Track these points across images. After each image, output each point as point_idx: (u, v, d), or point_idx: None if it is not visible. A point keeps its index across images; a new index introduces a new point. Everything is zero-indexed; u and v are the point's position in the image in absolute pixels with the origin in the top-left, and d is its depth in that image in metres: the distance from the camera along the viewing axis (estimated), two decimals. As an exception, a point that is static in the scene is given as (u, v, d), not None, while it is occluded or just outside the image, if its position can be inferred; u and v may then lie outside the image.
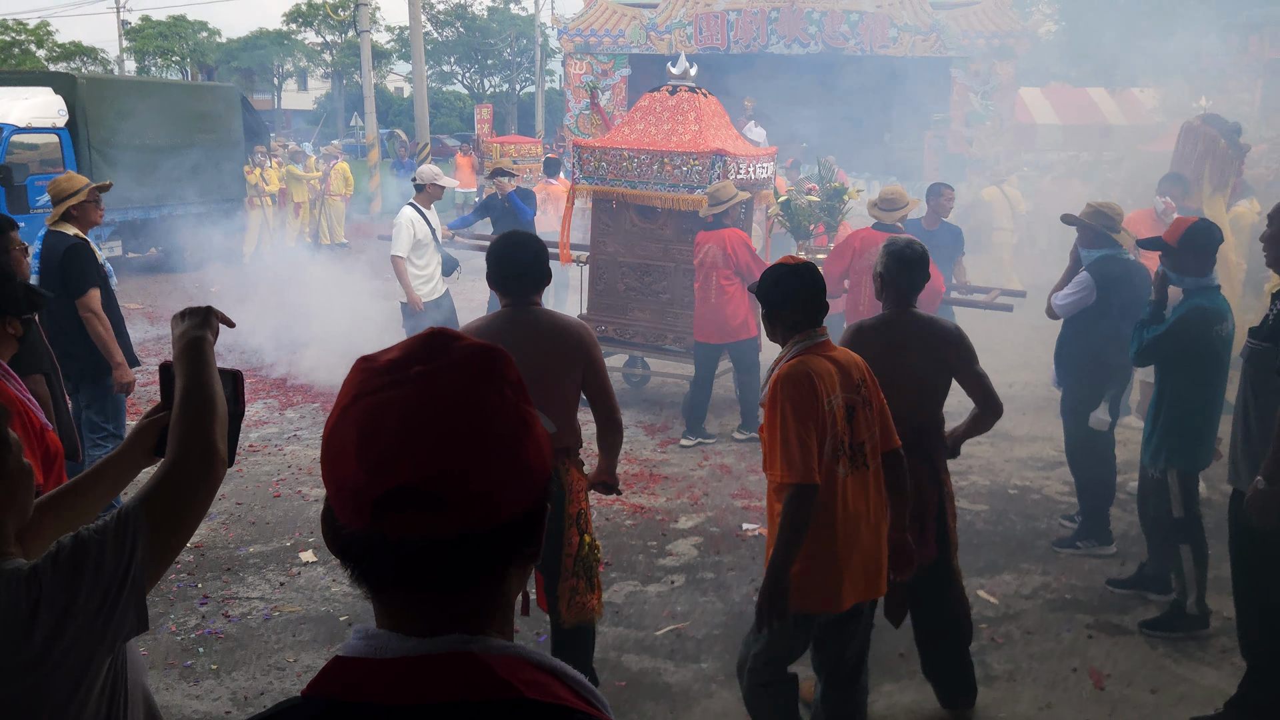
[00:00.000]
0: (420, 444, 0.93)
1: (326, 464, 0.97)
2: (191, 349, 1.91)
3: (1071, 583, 5.23)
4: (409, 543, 0.94)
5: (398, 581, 0.97)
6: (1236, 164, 7.48)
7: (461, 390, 0.96)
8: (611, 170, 8.10)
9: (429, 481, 0.92)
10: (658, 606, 4.99)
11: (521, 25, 47.35)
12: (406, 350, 0.99)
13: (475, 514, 0.94)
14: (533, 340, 3.66)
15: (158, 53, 48.29)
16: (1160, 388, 4.68)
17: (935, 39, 19.81)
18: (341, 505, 0.96)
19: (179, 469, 1.75)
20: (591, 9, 21.20)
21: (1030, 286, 8.84)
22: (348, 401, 0.97)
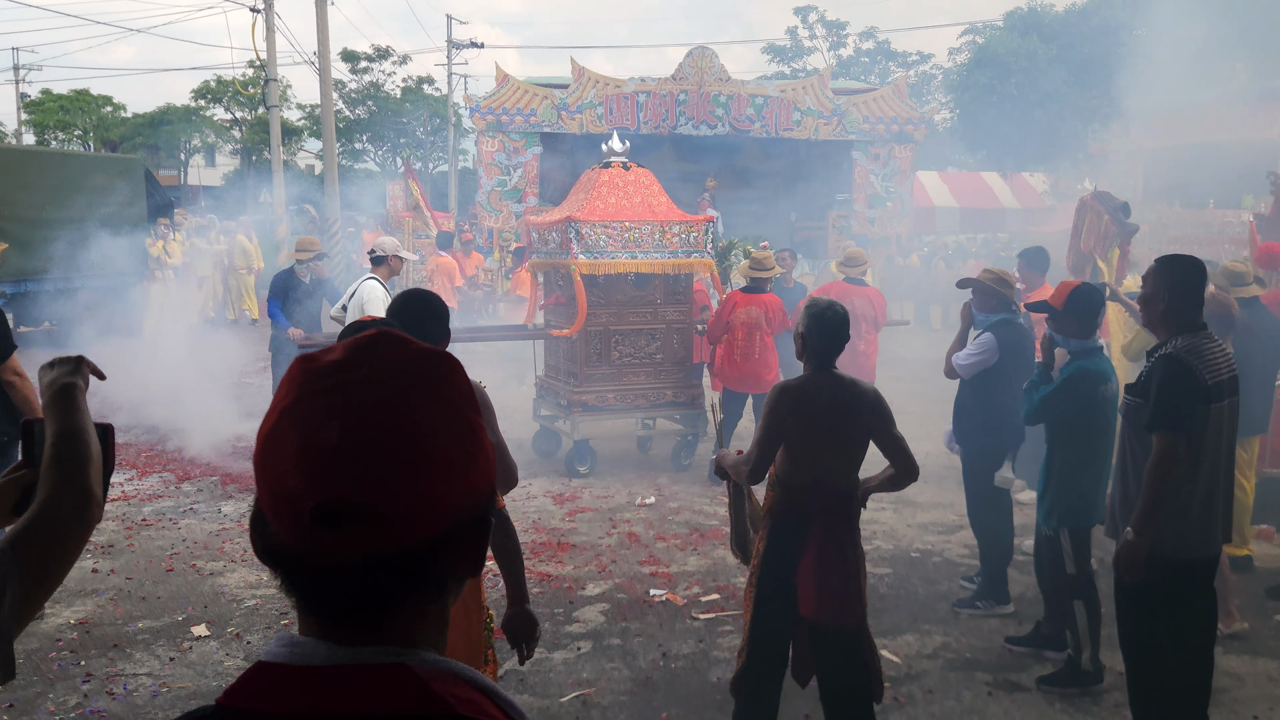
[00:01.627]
0: (362, 456, 0.88)
1: (262, 467, 0.93)
2: (63, 395, 1.84)
3: (972, 642, 5.31)
4: (345, 556, 0.90)
5: (330, 593, 0.93)
6: (1119, 239, 7.83)
7: (407, 398, 0.92)
8: (612, 242, 8.29)
9: (369, 495, 0.88)
10: (563, 674, 4.91)
11: (434, 105, 47.68)
12: (350, 351, 0.95)
13: (417, 529, 0.90)
14: None
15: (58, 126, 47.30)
16: (1050, 448, 4.84)
17: (837, 123, 20.53)
18: (275, 512, 0.92)
19: (51, 512, 1.67)
20: (504, 88, 21.49)
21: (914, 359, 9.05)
22: (289, 402, 0.92)
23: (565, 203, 9.12)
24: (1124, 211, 7.95)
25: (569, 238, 8.29)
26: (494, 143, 21.59)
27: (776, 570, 3.82)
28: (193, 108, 48.83)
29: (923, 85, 39.48)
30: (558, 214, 8.80)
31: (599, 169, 8.80)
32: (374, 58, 47.27)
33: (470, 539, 0.96)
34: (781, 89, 21.01)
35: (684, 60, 21.02)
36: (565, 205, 9.00)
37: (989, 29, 29.36)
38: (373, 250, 7.83)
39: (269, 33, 23.70)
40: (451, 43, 43.92)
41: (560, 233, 8.47)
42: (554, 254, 8.70)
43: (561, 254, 8.50)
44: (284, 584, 0.96)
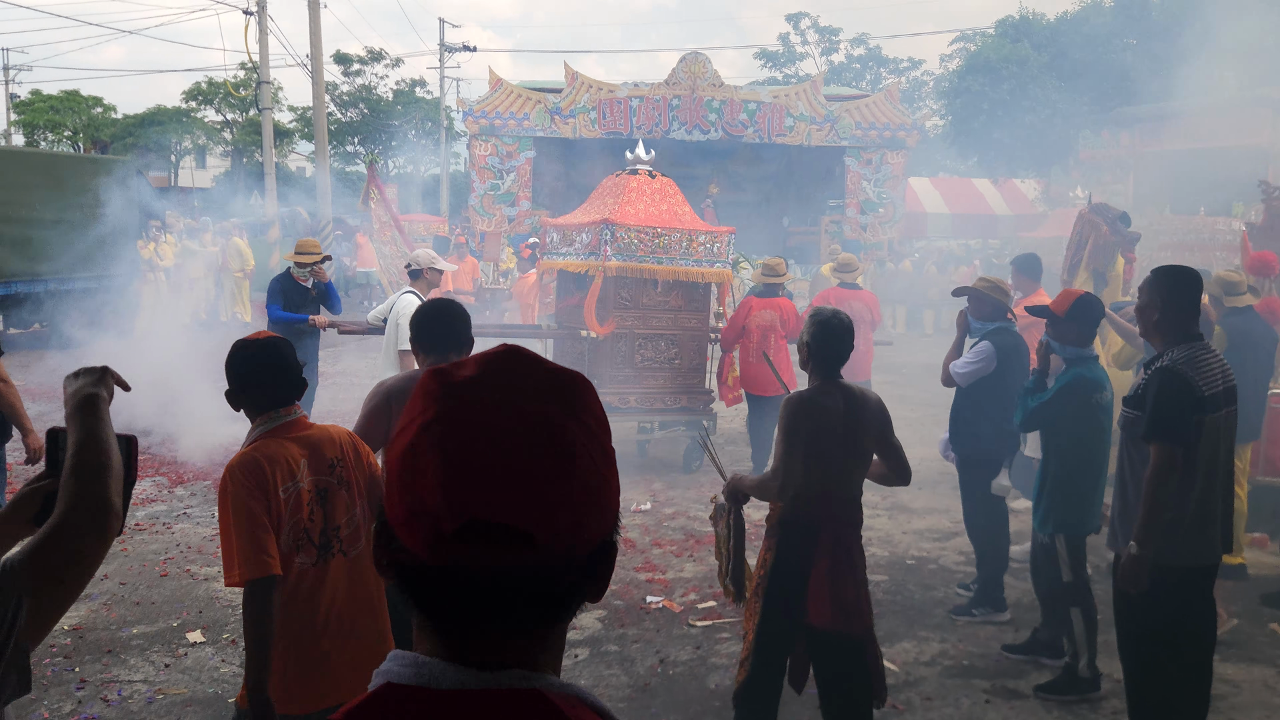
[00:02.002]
0: (511, 477, 0.88)
1: (398, 483, 0.91)
2: (86, 405, 1.84)
3: (969, 649, 5.32)
4: (485, 576, 0.89)
5: (464, 613, 0.92)
6: (1119, 249, 7.85)
7: (552, 421, 0.91)
8: (643, 247, 8.42)
9: (514, 516, 0.87)
10: (561, 681, 4.90)
11: (426, 109, 47.64)
12: (486, 368, 0.94)
13: (557, 550, 0.90)
14: None
15: (48, 127, 47.12)
16: (1046, 455, 4.86)
17: (829, 129, 20.59)
18: (410, 528, 0.90)
19: (68, 523, 1.65)
20: (497, 92, 21.52)
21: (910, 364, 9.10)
22: (429, 418, 0.91)
23: (588, 206, 9.18)
24: (1124, 220, 7.97)
25: (602, 239, 8.36)
26: (487, 146, 21.62)
27: (786, 580, 3.82)
28: (184, 109, 48.69)
29: (914, 91, 39.63)
30: (586, 216, 8.82)
31: (626, 175, 8.95)
32: (366, 60, 47.22)
33: (601, 563, 0.96)
34: (774, 95, 21.08)
35: (677, 65, 21.08)
36: (589, 208, 9.04)
37: (980, 36, 29.51)
38: (409, 264, 7.67)
39: (261, 35, 23.68)
40: (444, 46, 43.87)
41: (592, 234, 8.51)
42: (580, 255, 8.70)
43: (591, 255, 8.53)
44: (409, 600, 0.94)
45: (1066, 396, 4.63)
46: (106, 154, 37.29)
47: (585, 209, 9.11)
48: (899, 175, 20.85)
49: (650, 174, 8.99)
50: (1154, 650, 3.95)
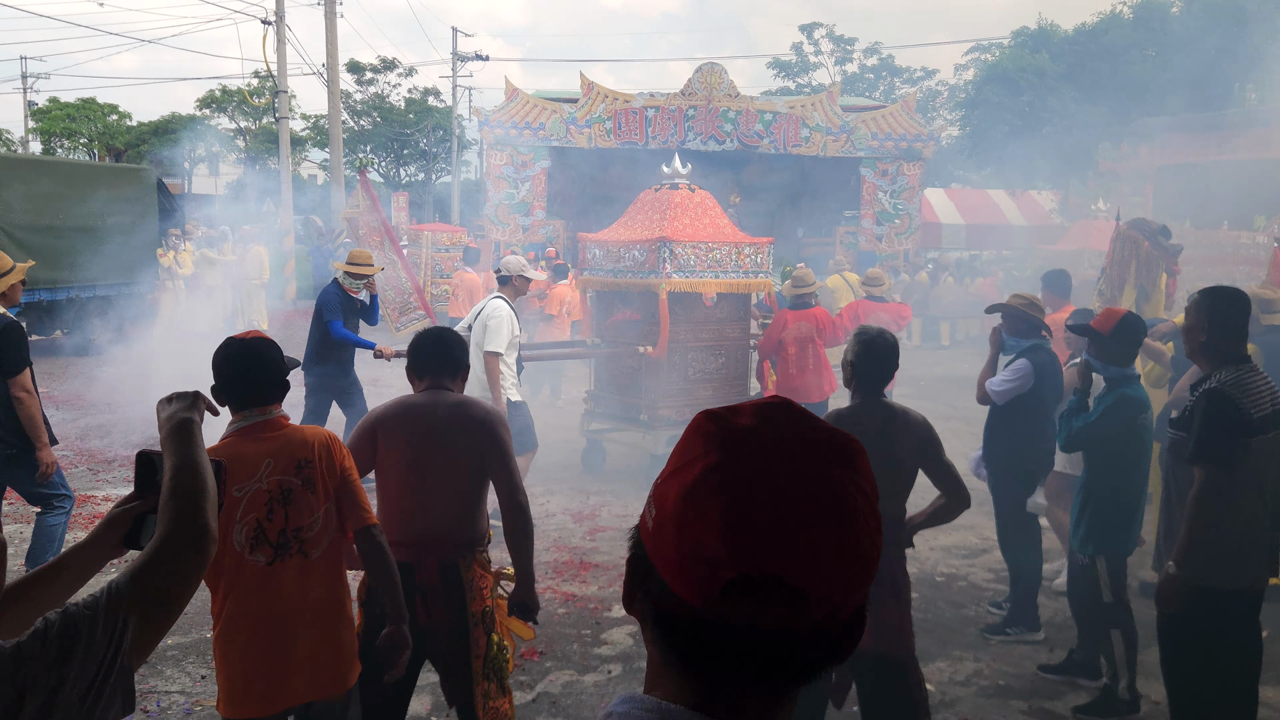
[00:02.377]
0: (795, 533, 0.87)
1: (674, 524, 0.90)
2: (181, 430, 1.88)
3: (1004, 669, 5.29)
4: (751, 630, 0.88)
5: (721, 665, 0.91)
6: (1164, 264, 7.83)
7: (835, 482, 0.90)
8: (699, 262, 8.58)
9: (795, 574, 0.86)
10: (595, 697, 4.90)
11: (438, 117, 47.79)
12: (764, 419, 0.93)
13: (828, 609, 0.89)
14: (430, 421, 3.57)
15: (64, 134, 47.38)
16: (1088, 476, 4.83)
17: (845, 140, 20.60)
18: (682, 575, 0.89)
19: (170, 547, 1.69)
20: (513, 102, 21.57)
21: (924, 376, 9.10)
22: (712, 462, 0.90)
23: (631, 222, 9.17)
24: (1164, 234, 7.95)
25: (660, 257, 8.45)
26: (502, 156, 21.67)
27: None
28: (198, 117, 48.92)
29: (928, 101, 39.62)
30: (635, 233, 8.88)
31: (667, 189, 9.01)
32: (379, 69, 47.38)
33: (857, 629, 0.94)
34: (790, 105, 21.10)
35: (693, 76, 21.11)
36: (635, 225, 9.06)
37: (995, 47, 29.51)
38: (498, 269, 7.81)
39: (280, 45, 23.79)
40: (457, 55, 44.01)
41: (648, 251, 8.57)
42: (632, 272, 8.77)
43: (647, 273, 8.61)
44: (661, 642, 0.94)
45: (1112, 417, 4.61)
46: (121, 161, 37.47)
47: (628, 225, 9.15)
48: (915, 186, 20.85)
49: (690, 188, 9.09)
50: (1198, 673, 3.93)
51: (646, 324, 8.75)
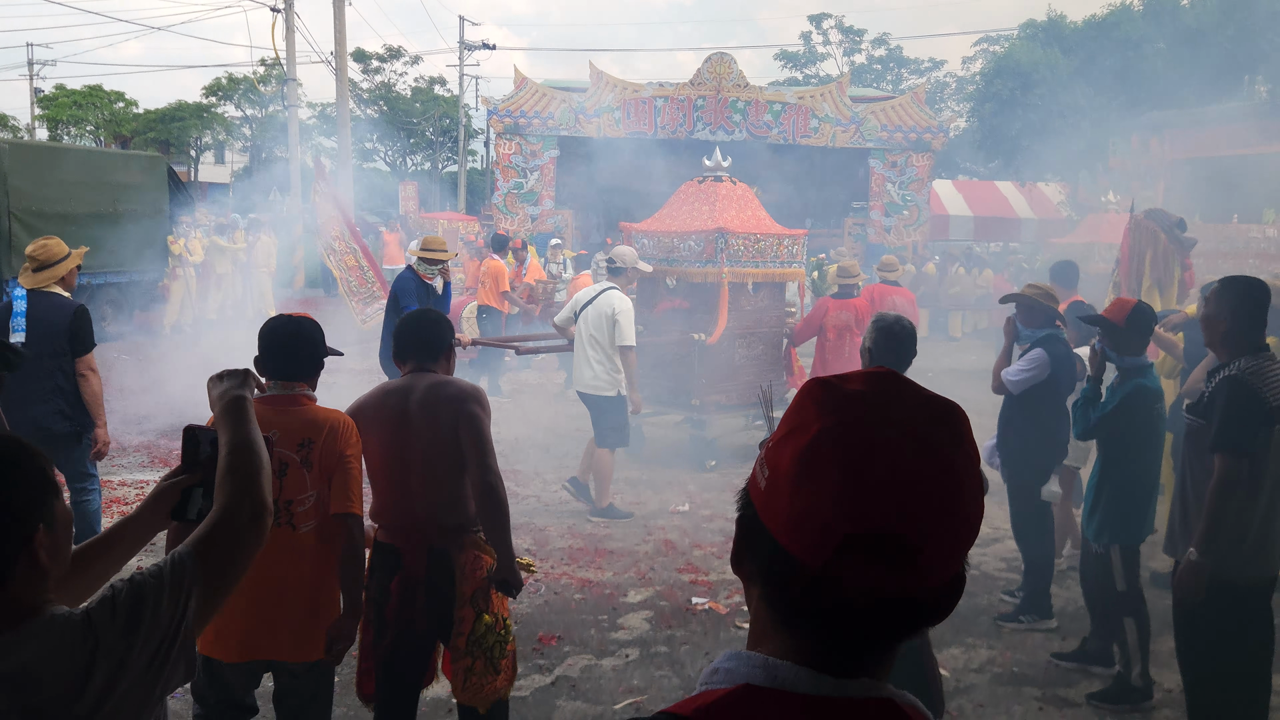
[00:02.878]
0: (908, 494, 0.90)
1: (789, 486, 0.93)
2: (234, 407, 1.94)
3: (1018, 657, 5.33)
4: (863, 589, 0.91)
5: (836, 623, 0.94)
6: (1179, 257, 7.83)
7: (944, 447, 0.93)
8: (748, 253, 8.96)
9: (910, 532, 0.89)
10: (614, 681, 4.94)
11: (445, 105, 47.77)
12: (875, 385, 0.97)
13: (938, 571, 0.92)
14: (406, 405, 3.55)
15: (71, 121, 47.40)
16: (1102, 465, 4.86)
17: (855, 131, 20.58)
18: (797, 534, 0.92)
19: (229, 520, 1.75)
20: (521, 91, 21.56)
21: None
22: (827, 424, 0.93)
23: (677, 213, 9.41)
24: (1180, 227, 7.93)
25: (718, 247, 8.76)
26: (511, 145, 21.67)
27: None
28: (204, 105, 48.90)
29: (936, 93, 39.54)
30: (686, 223, 9.16)
31: (711, 181, 9.38)
32: (385, 58, 47.33)
33: (956, 590, 0.98)
34: (800, 95, 21.08)
35: (703, 66, 21.09)
36: (682, 215, 9.32)
37: (1004, 39, 29.43)
38: (611, 260, 7.84)
39: (289, 33, 23.78)
40: (464, 44, 43.96)
41: (705, 241, 8.86)
42: (688, 261, 9.05)
43: (705, 262, 8.91)
44: (771, 600, 0.97)
45: (1129, 407, 4.63)
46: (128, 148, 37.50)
47: (676, 216, 9.38)
48: (924, 178, 20.83)
49: (731, 180, 9.41)
50: (1212, 662, 3.96)
51: (696, 312, 9.03)
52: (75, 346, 5.61)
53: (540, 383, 13.35)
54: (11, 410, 5.48)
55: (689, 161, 21.54)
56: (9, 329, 5.55)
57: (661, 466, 9.14)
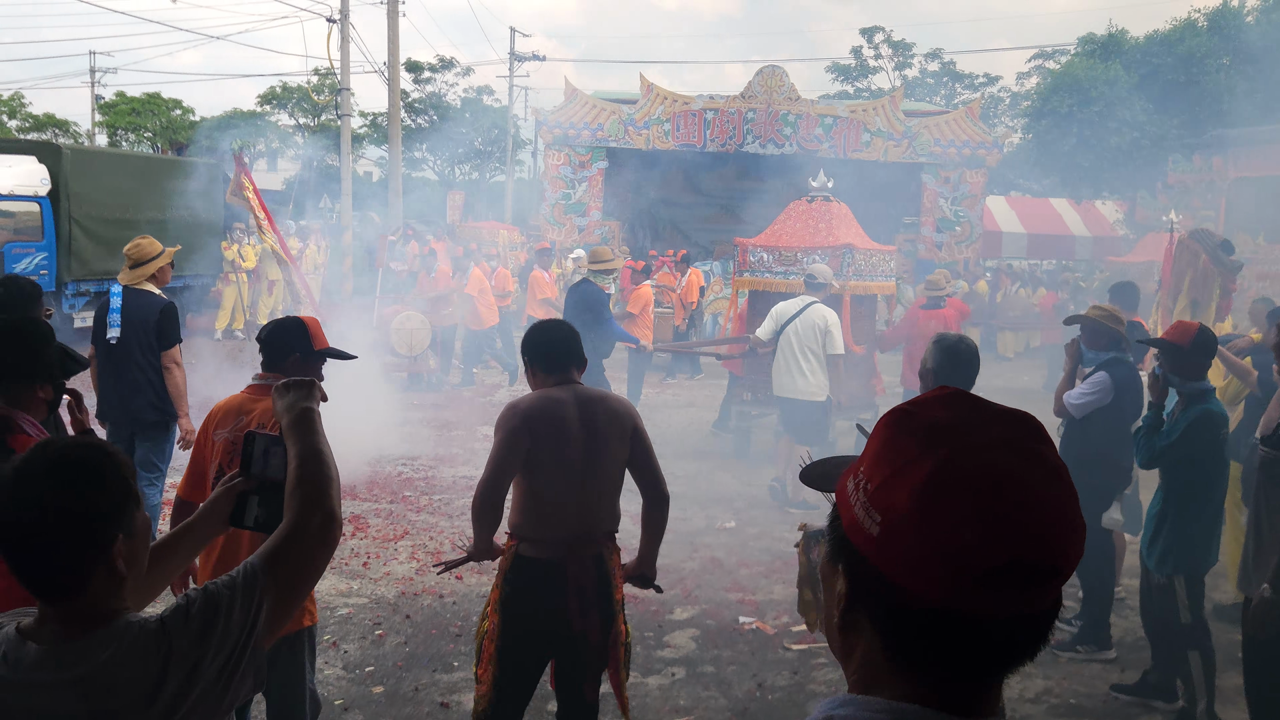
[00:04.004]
0: (1040, 515, 0.89)
1: (913, 525, 0.91)
2: (303, 419, 1.94)
3: (1075, 688, 5.19)
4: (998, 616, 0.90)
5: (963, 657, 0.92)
6: (1220, 280, 7.65)
7: (1047, 457, 0.93)
8: (864, 267, 9.49)
9: (1047, 554, 0.89)
10: (660, 700, 4.87)
11: (493, 116, 48.08)
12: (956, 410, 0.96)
13: (1061, 586, 0.92)
14: (579, 417, 3.52)
15: (129, 128, 48.33)
16: (1166, 493, 4.71)
17: (907, 145, 20.39)
18: (930, 573, 0.90)
19: (301, 532, 1.75)
20: (571, 102, 21.63)
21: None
22: (943, 457, 0.91)
23: (790, 229, 9.92)
24: (1225, 249, 7.75)
25: (844, 262, 9.34)
26: (560, 156, 21.72)
27: None
28: (258, 113, 49.64)
29: (990, 108, 39.14)
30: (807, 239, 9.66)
31: (820, 201, 9.92)
32: (437, 68, 47.74)
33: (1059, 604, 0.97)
34: (851, 109, 20.94)
35: (753, 79, 21.02)
36: (799, 232, 9.83)
37: (1060, 54, 29.07)
38: (811, 276, 8.38)
39: (343, 43, 24.07)
40: (514, 55, 44.25)
41: (830, 256, 9.39)
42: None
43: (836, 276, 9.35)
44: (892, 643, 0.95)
45: (1195, 434, 4.48)
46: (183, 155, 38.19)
47: (793, 232, 9.87)
48: (977, 194, 20.56)
49: (835, 200, 10.01)
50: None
51: None
52: (161, 341, 5.98)
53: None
54: (109, 400, 6.05)
55: (734, 174, 21.55)
56: (106, 323, 6.02)
57: (703, 484, 9.07)
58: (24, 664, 1.54)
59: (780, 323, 8.14)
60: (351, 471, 8.43)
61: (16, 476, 1.57)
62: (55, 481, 1.56)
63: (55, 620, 1.58)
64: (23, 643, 1.56)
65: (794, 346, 7.99)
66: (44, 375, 3.12)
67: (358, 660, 5.15)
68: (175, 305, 6.26)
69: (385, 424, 9.85)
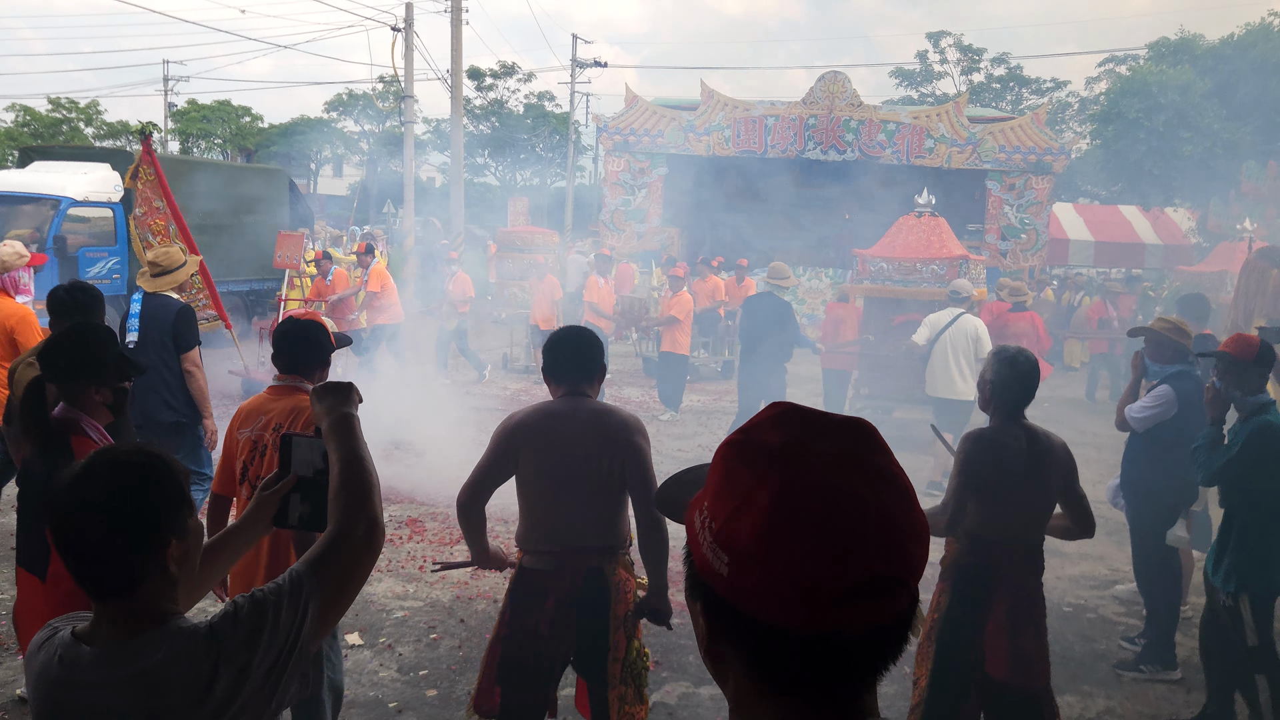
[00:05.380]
0: (887, 529, 0.90)
1: (758, 558, 0.90)
2: (343, 424, 1.95)
3: (1138, 709, 5.06)
4: (859, 632, 0.90)
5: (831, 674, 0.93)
6: None
7: (882, 466, 0.93)
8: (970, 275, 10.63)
9: (895, 566, 0.90)
10: (712, 710, 4.85)
11: (554, 122, 48.35)
12: (785, 430, 0.96)
13: (912, 591, 0.93)
14: (569, 430, 3.48)
15: (200, 135, 49.45)
16: (1229, 509, 4.58)
17: (971, 151, 20.11)
18: (782, 603, 0.90)
19: (345, 537, 1.77)
20: (632, 109, 21.67)
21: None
22: (776, 488, 0.91)
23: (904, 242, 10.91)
24: (1296, 265, 7.53)
25: (961, 270, 10.43)
26: (620, 162, 21.77)
27: (962, 626, 3.70)
28: (324, 120, 50.49)
29: (1057, 114, 38.46)
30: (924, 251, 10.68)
31: (928, 216, 11.08)
32: (499, 75, 48.15)
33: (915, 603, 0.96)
34: (915, 115, 20.70)
35: (815, 84, 20.88)
36: (912, 244, 10.83)
37: (1129, 58, 28.48)
38: (955, 291, 9.18)
39: (408, 51, 24.37)
40: (575, 61, 44.48)
41: (948, 266, 10.48)
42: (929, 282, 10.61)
43: (947, 283, 10.14)
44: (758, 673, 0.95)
45: (1258, 447, 4.35)
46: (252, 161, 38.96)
47: (905, 244, 10.87)
48: (1043, 201, 20.18)
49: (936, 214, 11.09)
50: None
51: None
52: (179, 344, 6.04)
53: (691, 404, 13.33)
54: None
55: (793, 181, 21.38)
56: (125, 330, 6.09)
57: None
58: (79, 665, 1.59)
59: (936, 330, 8.93)
60: (407, 475, 8.52)
61: (75, 480, 1.61)
62: (112, 485, 1.60)
63: (109, 621, 1.62)
64: (77, 645, 1.61)
65: (949, 352, 8.76)
66: (103, 378, 3.21)
67: (412, 663, 5.20)
68: (192, 308, 6.31)
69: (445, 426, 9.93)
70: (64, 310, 4.94)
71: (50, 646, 1.64)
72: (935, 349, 8.85)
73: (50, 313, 5.06)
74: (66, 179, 13.32)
